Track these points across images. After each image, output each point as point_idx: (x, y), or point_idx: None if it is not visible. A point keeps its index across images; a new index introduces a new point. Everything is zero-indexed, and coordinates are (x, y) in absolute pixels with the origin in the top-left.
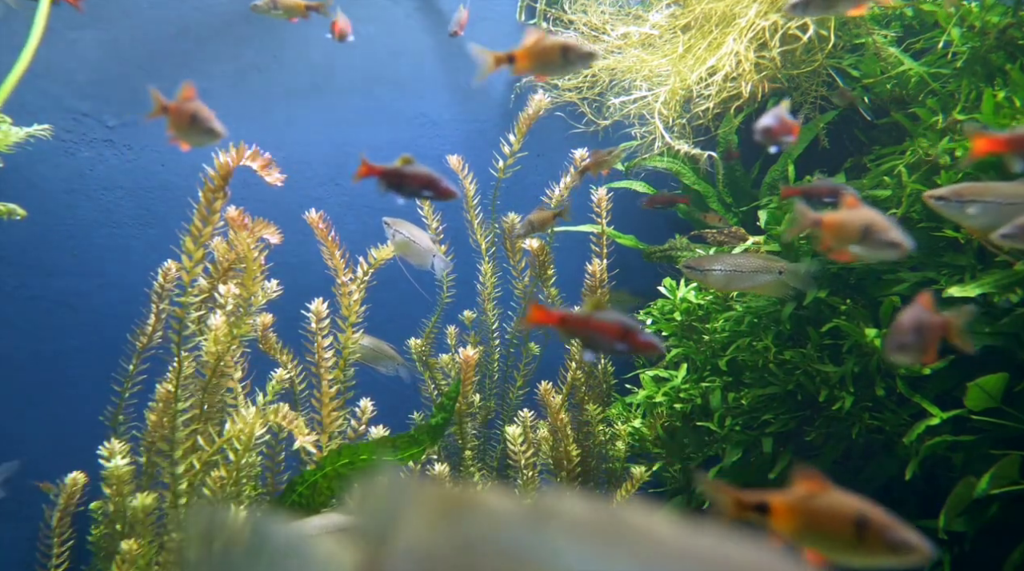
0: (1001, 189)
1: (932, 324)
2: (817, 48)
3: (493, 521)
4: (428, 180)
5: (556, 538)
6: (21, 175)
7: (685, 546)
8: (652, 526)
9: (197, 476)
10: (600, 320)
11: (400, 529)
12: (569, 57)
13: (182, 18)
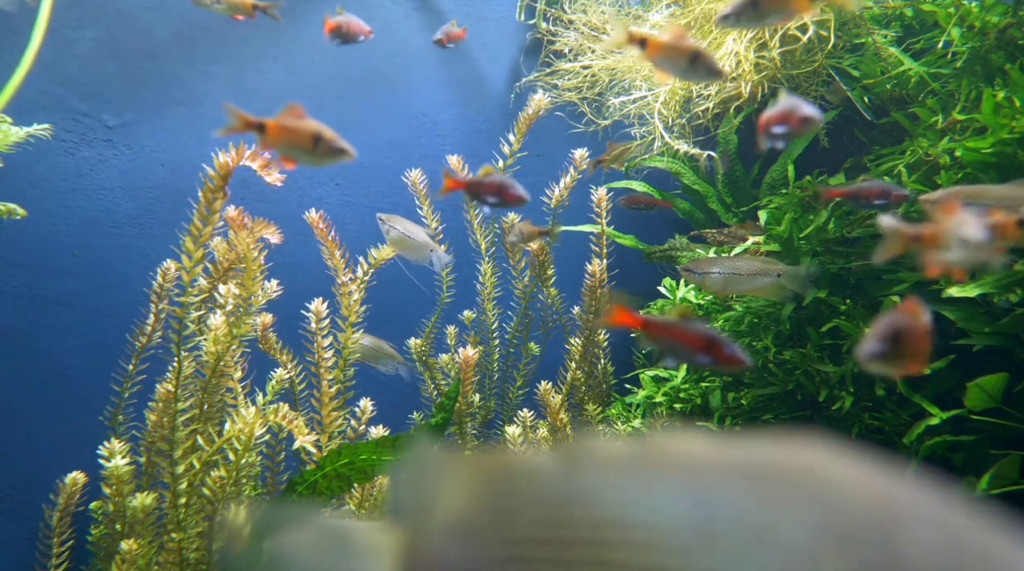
0: (994, 191)
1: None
2: (817, 48)
3: (530, 477)
4: (498, 187)
5: (594, 480)
6: (21, 175)
7: (730, 460)
8: (691, 448)
9: (197, 476)
10: (685, 329)
11: (439, 505)
12: (697, 65)
13: (182, 18)
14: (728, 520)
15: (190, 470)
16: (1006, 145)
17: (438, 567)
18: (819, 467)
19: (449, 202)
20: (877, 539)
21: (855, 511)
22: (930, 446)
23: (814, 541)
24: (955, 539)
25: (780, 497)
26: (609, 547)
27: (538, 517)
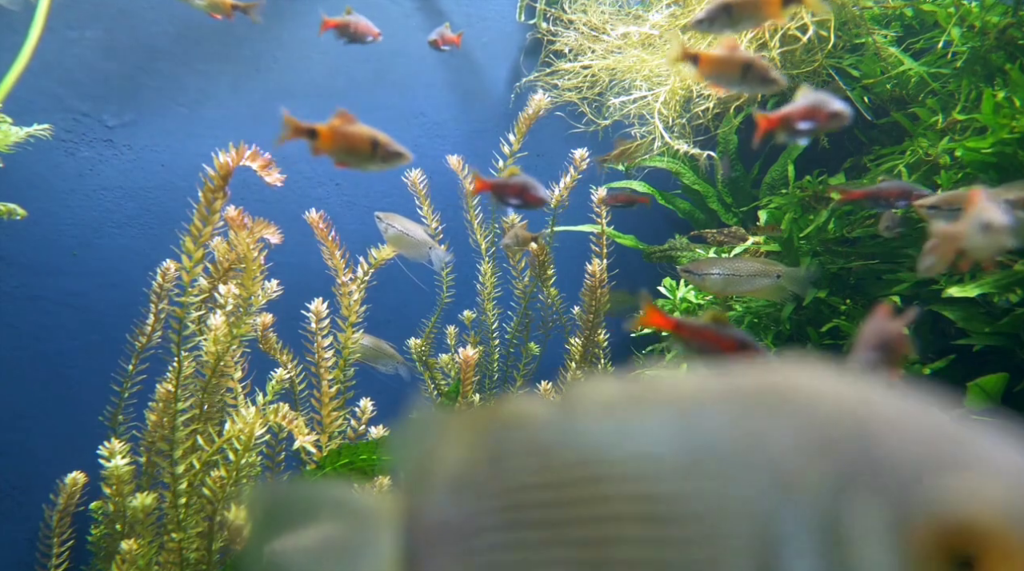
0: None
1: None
2: (817, 48)
3: (522, 426)
4: (520, 188)
5: (584, 421)
6: (21, 175)
7: (714, 387)
8: (676, 382)
9: (197, 476)
10: (717, 333)
11: (436, 463)
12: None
13: (182, 18)
14: (714, 442)
15: (190, 470)
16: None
17: (436, 525)
18: (800, 384)
19: (449, 202)
20: (856, 443)
21: (834, 420)
22: None
23: (797, 452)
24: (929, 434)
25: (763, 415)
26: (600, 483)
27: (531, 464)
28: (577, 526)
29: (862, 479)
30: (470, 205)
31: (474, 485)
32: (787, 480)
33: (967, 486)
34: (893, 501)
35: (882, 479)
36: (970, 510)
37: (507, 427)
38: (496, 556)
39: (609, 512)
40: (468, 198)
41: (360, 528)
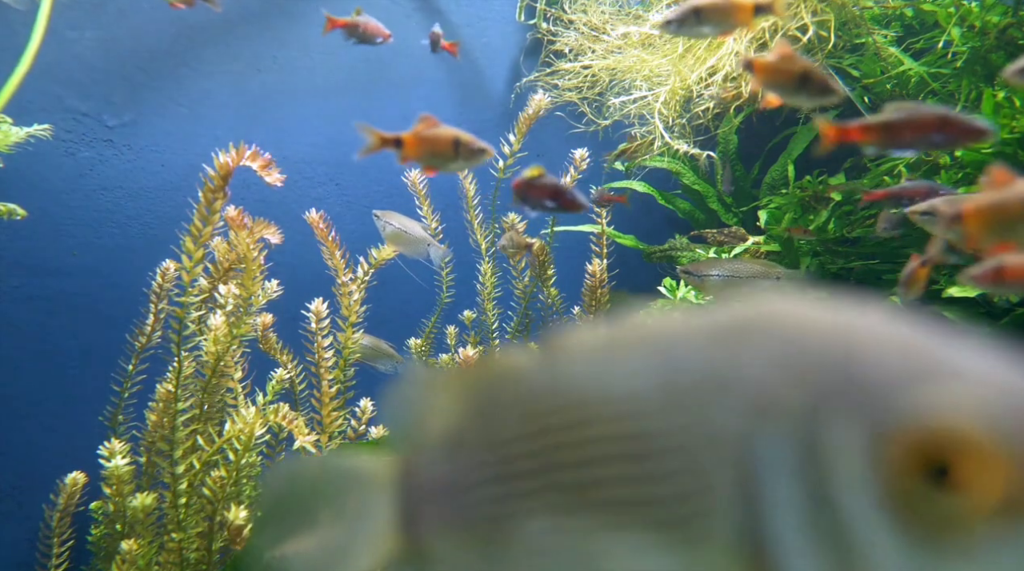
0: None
1: None
2: (817, 48)
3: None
4: (554, 190)
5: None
6: (21, 175)
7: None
8: (658, 321)
9: (197, 476)
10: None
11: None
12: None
13: (182, 18)
14: (691, 374)
15: (190, 470)
16: (1006, 145)
17: (430, 483)
18: (777, 312)
19: (449, 202)
20: (831, 363)
21: (810, 343)
22: None
23: (772, 377)
24: (906, 350)
25: (739, 344)
26: (584, 426)
27: (518, 414)
28: (563, 471)
29: (837, 398)
30: (470, 205)
31: (465, 441)
32: (763, 405)
33: (940, 395)
34: (867, 416)
35: (856, 396)
36: (943, 418)
37: (495, 381)
38: (489, 508)
39: (593, 454)
40: (468, 198)
41: (359, 493)
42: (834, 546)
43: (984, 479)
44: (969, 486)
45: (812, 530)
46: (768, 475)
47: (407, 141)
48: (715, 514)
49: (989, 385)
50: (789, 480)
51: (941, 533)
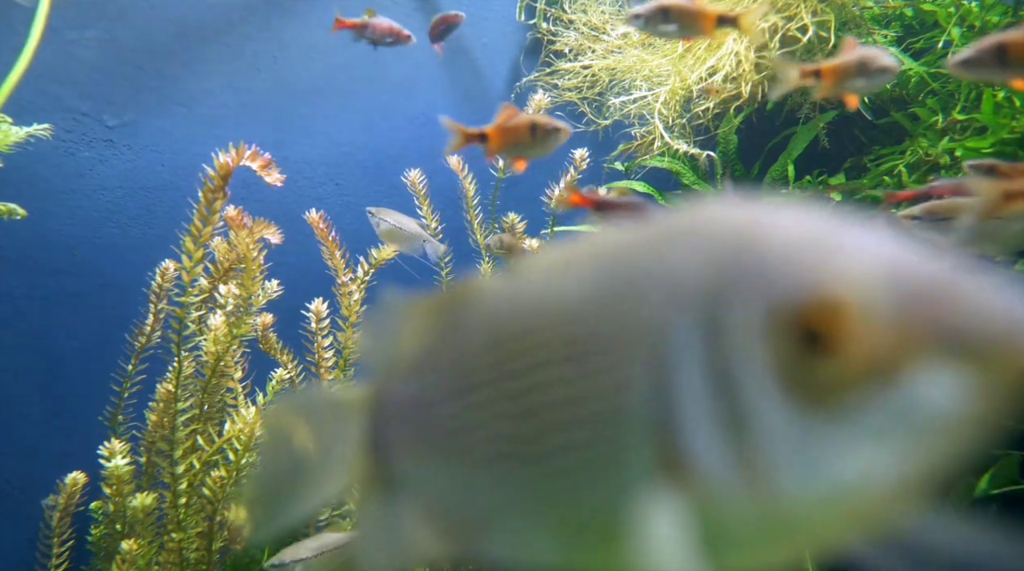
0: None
1: None
2: (817, 48)
3: (474, 298)
4: (632, 208)
5: (523, 286)
6: (21, 175)
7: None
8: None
9: (197, 476)
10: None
11: (400, 348)
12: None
13: (182, 18)
14: (626, 276)
15: (190, 470)
16: (1006, 145)
17: (397, 403)
18: (707, 215)
19: (449, 202)
20: (738, 251)
21: (723, 236)
22: None
23: (687, 269)
24: (805, 235)
25: (669, 245)
26: (532, 335)
27: (477, 332)
28: (514, 379)
29: (738, 281)
30: (470, 205)
31: (430, 361)
32: (678, 294)
33: (821, 269)
34: (759, 294)
35: (753, 278)
36: (819, 287)
37: (459, 303)
38: (451, 422)
39: (537, 360)
40: (468, 198)
41: (333, 420)
42: (733, 423)
43: (854, 342)
44: (842, 350)
45: (716, 410)
46: (680, 363)
47: (491, 134)
48: (635, 406)
49: (866, 258)
50: (698, 365)
51: (821, 398)
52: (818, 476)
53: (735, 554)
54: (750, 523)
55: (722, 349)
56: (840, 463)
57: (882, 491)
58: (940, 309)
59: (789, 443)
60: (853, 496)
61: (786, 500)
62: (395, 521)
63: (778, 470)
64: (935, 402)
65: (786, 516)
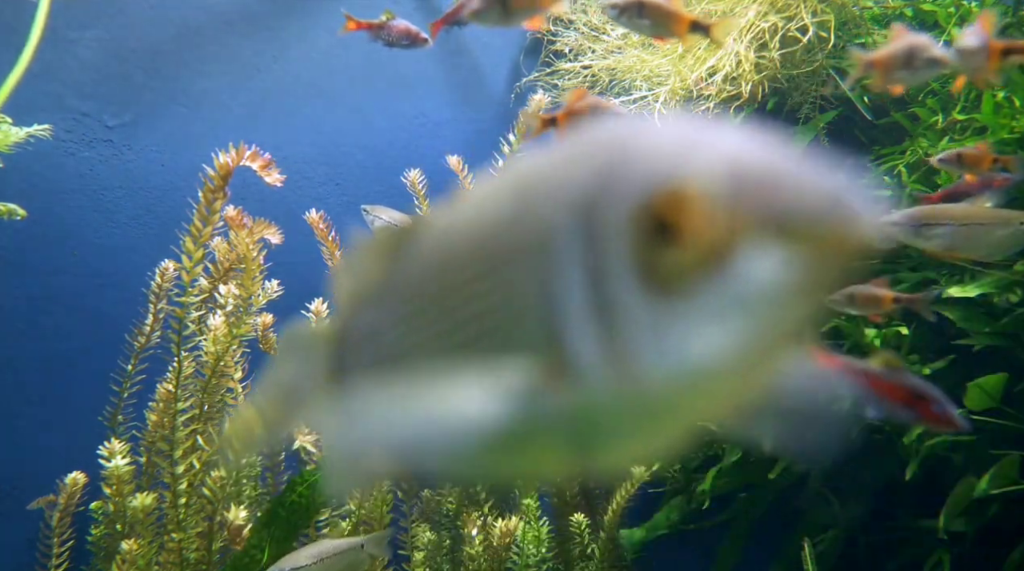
0: (954, 211)
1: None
2: (817, 48)
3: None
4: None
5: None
6: (21, 175)
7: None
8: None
9: (197, 476)
10: (886, 379)
11: (361, 284)
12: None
13: (182, 18)
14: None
15: (190, 470)
16: (1006, 145)
17: (354, 334)
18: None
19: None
20: (613, 159)
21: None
22: (930, 446)
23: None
24: (673, 139)
25: (572, 161)
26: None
27: (421, 268)
28: (447, 299)
29: (609, 183)
30: None
31: (382, 293)
32: (562, 202)
33: (672, 164)
34: (623, 192)
35: (620, 179)
36: (669, 180)
37: (408, 239)
38: (397, 347)
39: (465, 278)
40: None
41: (305, 350)
42: (601, 314)
43: (695, 228)
44: (685, 236)
45: (588, 304)
46: (562, 264)
47: (560, 119)
48: (529, 310)
49: (712, 153)
50: (576, 264)
51: (672, 284)
52: (672, 357)
53: (614, 445)
54: (622, 410)
55: (594, 246)
56: (690, 343)
57: (729, 367)
58: (767, 193)
59: (646, 328)
60: (705, 374)
61: (648, 382)
62: (355, 444)
63: (639, 354)
64: (765, 279)
65: (651, 399)
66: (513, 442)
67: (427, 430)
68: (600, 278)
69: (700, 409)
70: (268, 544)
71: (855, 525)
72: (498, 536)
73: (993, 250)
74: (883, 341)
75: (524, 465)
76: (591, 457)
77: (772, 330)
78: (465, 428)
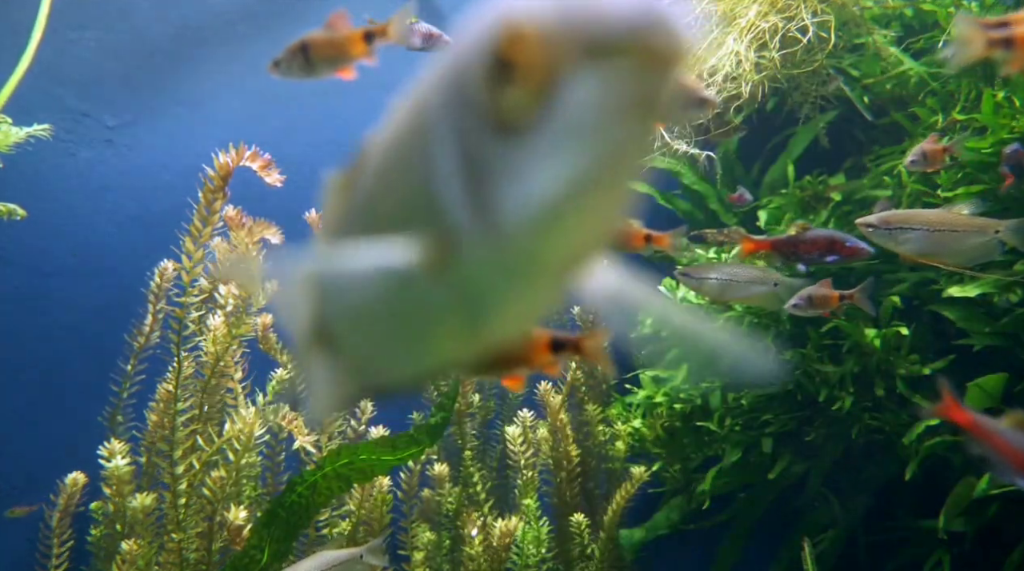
0: (927, 216)
1: None
2: (817, 48)
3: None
4: (828, 243)
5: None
6: (21, 175)
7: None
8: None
9: (197, 476)
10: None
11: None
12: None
13: (182, 18)
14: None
15: (190, 470)
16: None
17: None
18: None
19: None
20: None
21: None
22: (930, 446)
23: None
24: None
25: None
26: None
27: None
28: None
29: (463, 49)
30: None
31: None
32: (437, 82)
33: (512, 9)
34: (472, 48)
35: (470, 40)
36: (506, 20)
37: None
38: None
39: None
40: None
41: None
42: (467, 170)
43: (529, 62)
44: (522, 72)
45: (460, 171)
46: (442, 141)
47: None
48: (422, 195)
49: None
50: (448, 132)
51: (516, 123)
52: (528, 197)
53: (500, 310)
54: (497, 266)
55: (459, 111)
56: (541, 178)
57: (579, 196)
58: (583, 19)
59: (503, 173)
60: (559, 207)
61: (513, 228)
62: (330, 373)
63: (500, 201)
64: (594, 100)
65: (519, 247)
66: (411, 310)
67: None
68: (465, 138)
69: (566, 252)
70: (268, 544)
71: (855, 525)
72: (498, 536)
73: (967, 257)
74: (883, 341)
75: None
76: (485, 327)
77: (612, 152)
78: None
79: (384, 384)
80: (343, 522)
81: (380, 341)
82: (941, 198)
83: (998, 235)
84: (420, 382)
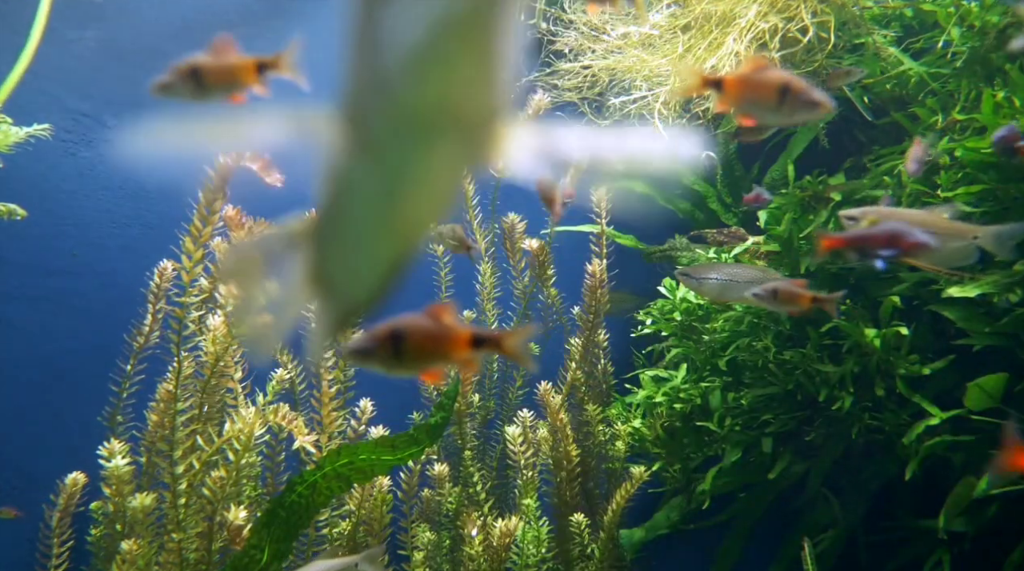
0: (909, 216)
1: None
2: (817, 48)
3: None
4: (890, 238)
5: None
6: (21, 175)
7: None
8: None
9: (197, 476)
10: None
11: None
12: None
13: (182, 18)
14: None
15: (190, 470)
16: None
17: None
18: None
19: None
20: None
21: None
22: (930, 446)
23: None
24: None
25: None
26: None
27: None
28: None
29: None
30: (469, 205)
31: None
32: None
33: None
34: None
35: None
36: None
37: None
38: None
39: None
40: (467, 198)
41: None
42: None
43: None
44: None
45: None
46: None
47: (728, 83)
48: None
49: None
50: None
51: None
52: (400, 45)
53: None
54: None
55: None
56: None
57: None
58: None
59: (384, 27)
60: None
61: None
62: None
63: (384, 62)
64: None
65: (405, 100)
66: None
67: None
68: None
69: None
70: (268, 544)
71: (855, 525)
72: (498, 536)
73: (944, 260)
74: (883, 341)
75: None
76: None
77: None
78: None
79: (356, 301)
80: (343, 522)
81: (346, 253)
82: (941, 198)
83: (976, 241)
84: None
